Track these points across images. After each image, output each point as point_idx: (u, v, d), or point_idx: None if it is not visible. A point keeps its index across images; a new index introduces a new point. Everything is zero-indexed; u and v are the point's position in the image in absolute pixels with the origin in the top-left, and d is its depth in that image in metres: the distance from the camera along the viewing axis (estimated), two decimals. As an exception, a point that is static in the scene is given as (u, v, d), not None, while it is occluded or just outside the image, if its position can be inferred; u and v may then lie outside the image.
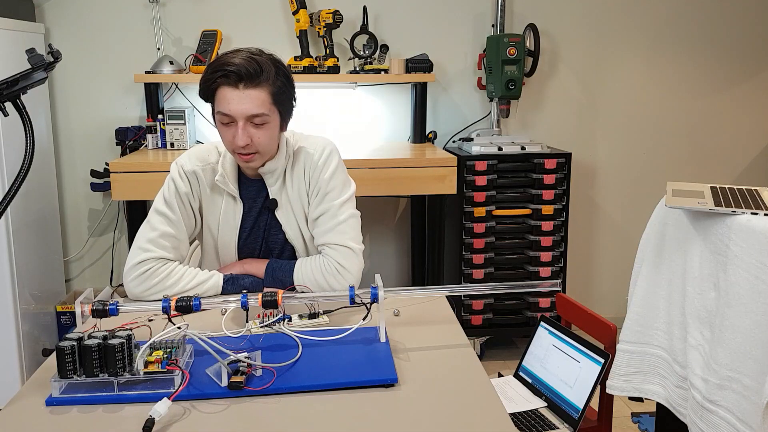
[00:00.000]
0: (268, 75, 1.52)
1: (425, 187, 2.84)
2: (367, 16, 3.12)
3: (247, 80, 1.50)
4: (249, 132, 1.54)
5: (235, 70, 1.49)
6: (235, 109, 1.51)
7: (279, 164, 1.67)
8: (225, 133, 1.57)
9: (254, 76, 1.50)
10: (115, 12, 3.18)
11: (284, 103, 1.59)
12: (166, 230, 1.63)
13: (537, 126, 3.46)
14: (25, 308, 2.82)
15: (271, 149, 1.62)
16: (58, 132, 3.26)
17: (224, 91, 1.52)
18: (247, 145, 1.55)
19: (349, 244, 1.65)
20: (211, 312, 1.52)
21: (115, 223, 3.34)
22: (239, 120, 1.52)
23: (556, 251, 3.08)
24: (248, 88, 1.51)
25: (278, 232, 1.73)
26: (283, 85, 1.56)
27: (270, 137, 1.58)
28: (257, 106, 1.52)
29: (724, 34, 3.47)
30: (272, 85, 1.53)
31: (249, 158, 1.59)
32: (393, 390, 1.19)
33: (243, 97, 1.51)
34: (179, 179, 1.66)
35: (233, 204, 1.70)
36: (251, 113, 1.52)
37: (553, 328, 2.00)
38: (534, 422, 1.84)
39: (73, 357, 1.15)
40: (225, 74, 1.50)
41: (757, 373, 1.46)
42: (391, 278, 3.56)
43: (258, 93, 1.51)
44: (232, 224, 1.71)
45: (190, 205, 1.68)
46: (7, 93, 1.33)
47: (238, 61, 1.50)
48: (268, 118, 1.54)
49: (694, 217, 1.68)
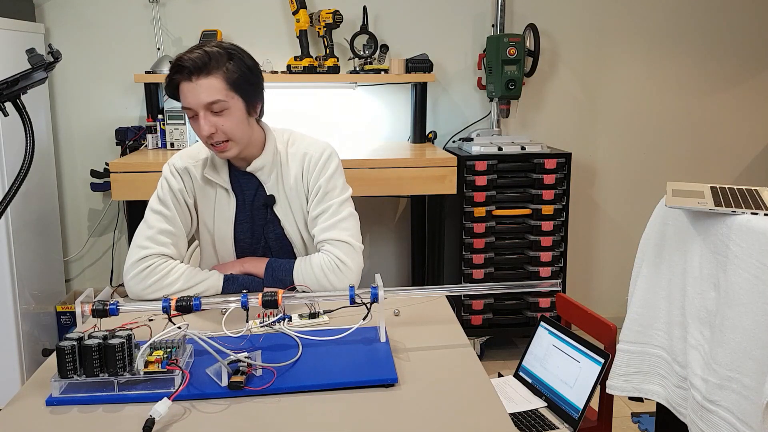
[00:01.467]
0: (218, 63, 1.56)
1: (425, 187, 2.84)
2: (367, 16, 3.12)
3: (198, 72, 1.55)
4: (211, 121, 1.58)
5: (186, 65, 1.54)
6: (192, 100, 1.56)
7: (267, 160, 1.70)
8: (195, 127, 1.62)
9: (203, 66, 1.55)
10: (115, 12, 3.18)
11: (244, 88, 1.60)
12: (163, 227, 1.65)
13: (537, 126, 3.46)
14: (25, 308, 2.82)
15: (242, 136, 1.63)
16: (58, 132, 3.26)
17: (182, 86, 1.57)
18: (212, 134, 1.58)
19: (349, 240, 1.66)
20: (211, 312, 1.52)
21: (115, 223, 3.34)
22: (199, 110, 1.57)
23: (556, 251, 3.08)
24: (200, 78, 1.55)
25: (276, 228, 1.75)
26: (238, 70, 1.59)
27: (235, 123, 1.60)
28: (211, 93, 1.55)
29: (724, 34, 3.47)
30: (225, 71, 1.57)
31: (222, 147, 1.61)
32: (393, 390, 1.19)
33: (197, 88, 1.55)
34: (171, 177, 1.70)
35: (226, 197, 1.73)
36: (207, 101, 1.56)
37: (553, 328, 2.00)
38: (534, 422, 1.84)
39: (73, 357, 1.15)
40: (178, 70, 1.56)
41: (757, 373, 1.46)
42: (391, 278, 3.56)
43: (210, 81, 1.55)
44: (226, 217, 1.73)
45: (185, 201, 1.70)
46: (7, 93, 1.33)
47: (189, 56, 1.55)
48: (226, 104, 1.57)
49: (694, 217, 1.68)
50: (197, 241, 1.85)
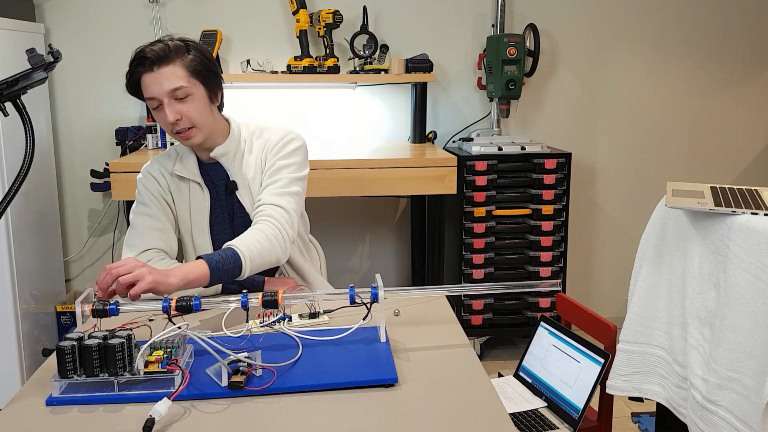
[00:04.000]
0: (177, 52, 1.62)
1: (425, 187, 2.84)
2: (367, 16, 3.12)
3: (159, 61, 1.60)
4: (176, 108, 1.62)
5: (147, 55, 1.60)
6: (155, 89, 1.61)
7: (231, 147, 1.75)
8: (159, 117, 1.66)
9: (165, 55, 1.60)
10: (115, 12, 3.18)
11: (204, 75, 1.66)
12: (149, 224, 1.71)
13: (537, 126, 3.46)
14: (25, 308, 2.82)
15: (206, 122, 1.67)
16: (58, 132, 3.26)
17: (144, 78, 1.62)
18: (178, 120, 1.62)
19: (291, 211, 1.67)
20: (211, 312, 1.52)
21: (115, 223, 3.34)
22: (163, 98, 1.61)
23: (556, 251, 3.08)
24: (162, 67, 1.60)
25: (243, 214, 1.78)
26: (197, 58, 1.65)
27: (199, 109, 1.65)
28: (173, 80, 1.61)
29: (724, 34, 3.47)
30: (184, 59, 1.63)
31: (187, 135, 1.66)
32: (393, 390, 1.19)
33: (159, 77, 1.60)
34: (146, 180, 1.76)
35: (200, 191, 1.77)
36: (170, 88, 1.60)
37: (553, 328, 2.00)
38: (534, 422, 1.84)
39: (73, 357, 1.15)
40: (140, 62, 1.61)
41: (757, 373, 1.46)
42: (391, 278, 3.56)
43: (172, 69, 1.61)
44: (202, 208, 1.76)
45: (164, 198, 1.76)
46: (7, 93, 1.33)
47: (148, 49, 1.61)
48: (189, 90, 1.62)
49: (694, 217, 1.68)
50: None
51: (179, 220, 1.79)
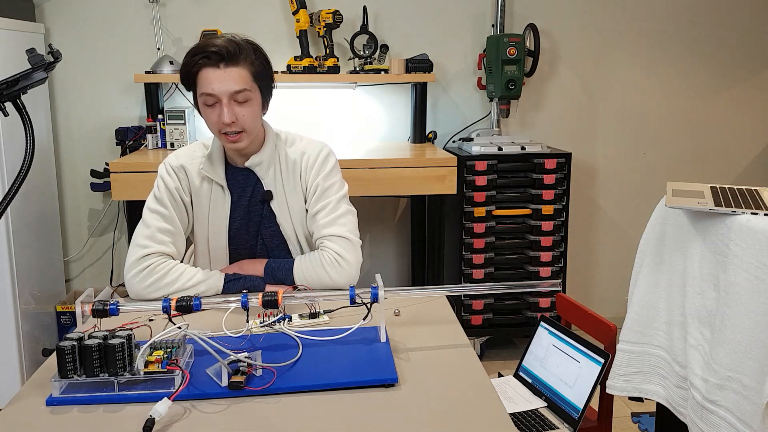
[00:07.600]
0: (247, 54, 1.59)
1: (425, 187, 2.84)
2: (367, 16, 3.12)
3: (228, 59, 1.57)
4: (234, 110, 1.60)
5: (217, 51, 1.56)
6: (219, 87, 1.57)
7: (265, 156, 1.72)
8: (210, 115, 1.62)
9: (234, 55, 1.57)
10: (115, 12, 3.18)
11: (264, 82, 1.65)
12: (161, 226, 1.66)
13: (537, 126, 3.46)
14: (25, 308, 2.82)
15: (255, 128, 1.66)
16: (58, 132, 3.26)
17: (206, 72, 1.58)
18: (233, 123, 1.60)
19: (348, 235, 1.67)
20: (212, 312, 1.52)
21: (115, 223, 3.34)
22: (223, 98, 1.58)
23: (556, 251, 3.08)
24: (229, 66, 1.57)
25: (271, 224, 1.75)
26: (261, 64, 1.63)
27: (253, 115, 1.63)
28: (239, 82, 1.58)
29: (724, 35, 3.47)
30: (251, 64, 1.60)
31: (236, 138, 1.63)
32: (393, 390, 1.19)
33: (225, 76, 1.57)
34: (167, 176, 1.71)
35: (222, 194, 1.73)
36: (234, 89, 1.58)
37: (553, 328, 2.00)
38: (534, 422, 1.84)
39: (73, 357, 1.15)
40: (206, 55, 1.57)
41: (757, 373, 1.46)
42: (391, 278, 3.56)
43: (239, 70, 1.58)
44: (221, 214, 1.74)
45: (181, 199, 1.72)
46: (7, 93, 1.33)
47: (218, 43, 1.57)
48: (250, 95, 1.60)
49: (694, 217, 1.68)
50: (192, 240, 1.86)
51: (195, 221, 1.76)
